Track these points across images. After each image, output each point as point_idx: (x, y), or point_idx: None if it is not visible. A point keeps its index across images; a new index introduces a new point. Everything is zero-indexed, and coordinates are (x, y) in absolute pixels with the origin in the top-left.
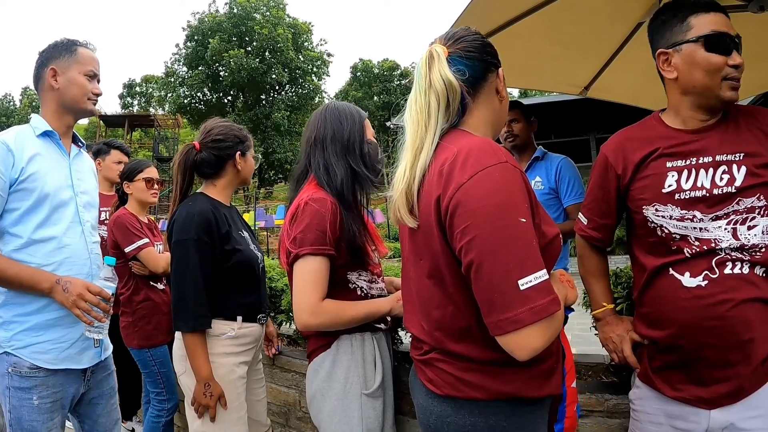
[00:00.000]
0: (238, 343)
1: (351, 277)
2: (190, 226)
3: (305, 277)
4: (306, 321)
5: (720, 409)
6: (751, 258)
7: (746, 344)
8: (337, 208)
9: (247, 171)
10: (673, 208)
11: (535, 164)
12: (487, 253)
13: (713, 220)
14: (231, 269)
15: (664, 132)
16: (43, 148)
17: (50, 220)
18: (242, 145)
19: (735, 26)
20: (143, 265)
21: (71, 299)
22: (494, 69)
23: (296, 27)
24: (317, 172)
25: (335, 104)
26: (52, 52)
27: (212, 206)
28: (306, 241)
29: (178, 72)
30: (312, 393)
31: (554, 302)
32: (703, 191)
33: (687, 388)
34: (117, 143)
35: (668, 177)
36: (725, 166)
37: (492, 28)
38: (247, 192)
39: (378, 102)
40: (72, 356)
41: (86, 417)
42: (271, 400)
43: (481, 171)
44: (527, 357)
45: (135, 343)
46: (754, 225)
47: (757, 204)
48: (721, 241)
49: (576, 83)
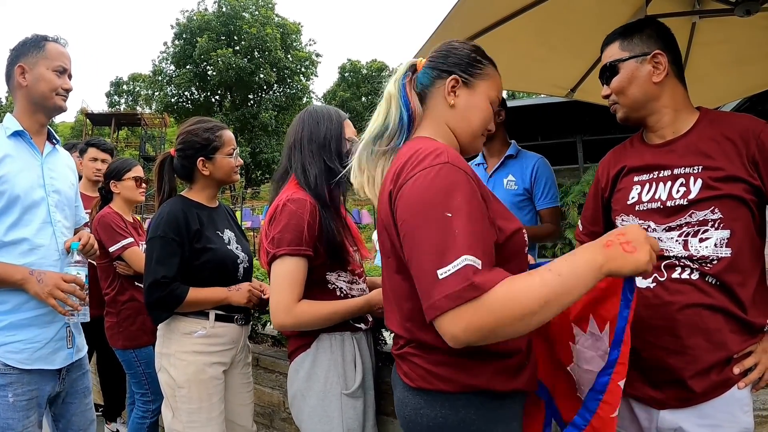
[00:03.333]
0: (210, 343)
1: (330, 277)
2: (159, 225)
3: (282, 278)
4: (281, 321)
5: (669, 410)
6: (701, 268)
7: (688, 348)
8: (315, 209)
9: (220, 173)
10: (633, 218)
11: (508, 162)
12: (413, 246)
13: (666, 231)
14: (201, 267)
15: (639, 148)
16: (14, 148)
17: (21, 222)
18: (204, 150)
19: (722, 30)
20: (128, 265)
21: (46, 290)
22: (445, 76)
23: (285, 27)
24: (296, 173)
25: (314, 107)
26: (21, 49)
27: (184, 206)
28: (283, 241)
29: (166, 70)
30: (293, 393)
31: (470, 288)
32: (658, 203)
33: (640, 387)
34: (94, 140)
35: (633, 190)
36: (683, 179)
37: (478, 29)
38: (233, 192)
39: (366, 103)
40: (45, 356)
41: (60, 416)
42: (255, 401)
43: (421, 171)
44: (455, 344)
45: (120, 344)
46: (707, 237)
47: (710, 217)
48: (672, 251)
49: (563, 85)
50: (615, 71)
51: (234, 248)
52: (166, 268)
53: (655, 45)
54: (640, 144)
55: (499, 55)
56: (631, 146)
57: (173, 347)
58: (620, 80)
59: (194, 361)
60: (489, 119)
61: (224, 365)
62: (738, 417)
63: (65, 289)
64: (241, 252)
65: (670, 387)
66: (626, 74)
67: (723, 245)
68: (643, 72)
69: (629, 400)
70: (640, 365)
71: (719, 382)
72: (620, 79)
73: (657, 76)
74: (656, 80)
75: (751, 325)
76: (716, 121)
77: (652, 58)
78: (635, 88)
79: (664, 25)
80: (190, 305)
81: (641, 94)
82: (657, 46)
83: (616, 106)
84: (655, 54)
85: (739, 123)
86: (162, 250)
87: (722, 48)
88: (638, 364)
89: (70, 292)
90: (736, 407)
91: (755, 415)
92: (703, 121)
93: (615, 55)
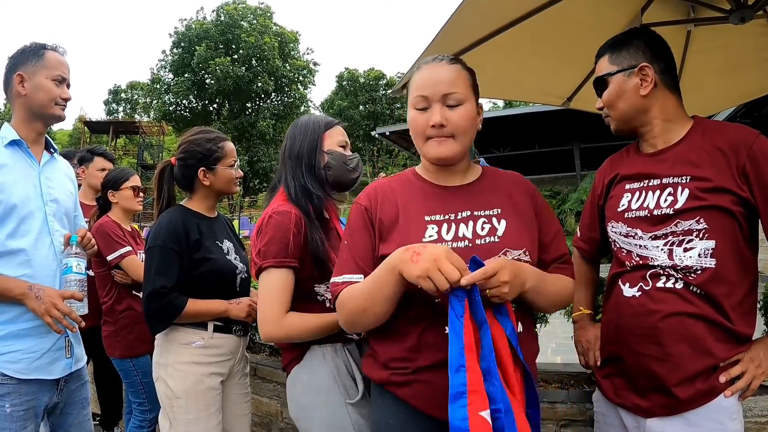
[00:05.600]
0: (208, 353)
1: (319, 289)
2: (158, 235)
3: (268, 290)
4: (269, 332)
5: (656, 419)
6: (684, 278)
7: (672, 356)
8: (301, 221)
9: (220, 183)
10: (621, 225)
11: None
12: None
13: (652, 239)
14: (200, 277)
15: (633, 156)
16: (10, 158)
17: (18, 232)
18: (207, 160)
19: (716, 38)
20: (126, 274)
21: (43, 307)
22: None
23: (283, 36)
24: (284, 185)
25: (300, 119)
26: (19, 58)
27: (184, 216)
28: (269, 253)
29: (164, 79)
30: (295, 410)
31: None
32: (645, 211)
33: (627, 396)
34: (100, 150)
35: (623, 197)
36: (671, 188)
37: (475, 39)
38: (231, 201)
39: (363, 111)
40: (43, 366)
41: (58, 427)
42: (253, 411)
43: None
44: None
45: (117, 353)
46: (691, 247)
47: (695, 227)
48: (656, 260)
49: (559, 94)
50: (605, 85)
51: (233, 258)
52: (166, 278)
53: (642, 57)
54: (634, 153)
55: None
56: (627, 155)
57: (171, 357)
58: (609, 94)
59: (192, 372)
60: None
61: (222, 376)
62: (725, 425)
63: (61, 309)
64: (240, 262)
65: (655, 394)
66: (614, 88)
67: (707, 255)
68: (630, 85)
69: (617, 409)
70: (626, 373)
71: (705, 390)
72: (609, 93)
73: (644, 89)
74: (643, 93)
75: (737, 334)
76: (708, 130)
77: (639, 71)
78: (623, 102)
79: (654, 35)
80: (188, 316)
81: (629, 108)
82: (644, 58)
83: (608, 119)
84: (642, 67)
85: (731, 133)
86: (161, 259)
87: (717, 55)
88: (624, 372)
89: (66, 313)
90: (723, 415)
91: (754, 421)
92: (695, 131)
93: (604, 69)
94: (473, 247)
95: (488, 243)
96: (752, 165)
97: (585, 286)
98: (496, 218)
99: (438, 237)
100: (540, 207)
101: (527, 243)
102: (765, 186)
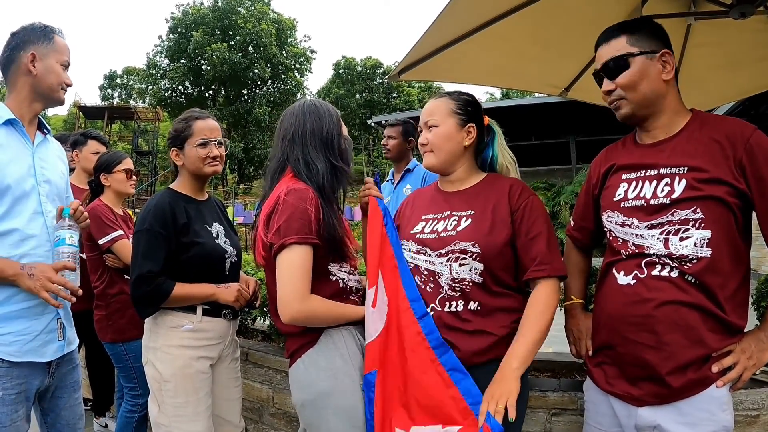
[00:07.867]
0: (197, 337)
1: (332, 268)
2: (145, 219)
3: (292, 266)
4: (296, 309)
5: (647, 407)
6: (680, 267)
7: (666, 344)
8: (318, 200)
9: (189, 164)
10: (618, 214)
11: (406, 175)
12: None
13: (648, 228)
14: (188, 261)
15: (630, 147)
16: (5, 137)
17: (12, 212)
18: (177, 139)
19: (716, 32)
20: (117, 258)
21: (38, 284)
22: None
23: (280, 22)
24: (296, 167)
25: (312, 101)
26: (29, 35)
27: (172, 199)
28: (291, 230)
29: (160, 64)
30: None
31: None
32: (642, 201)
33: (618, 384)
34: (94, 133)
35: (620, 187)
36: (668, 179)
37: (472, 27)
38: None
39: (360, 100)
40: (35, 349)
41: (49, 410)
42: (244, 396)
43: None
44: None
45: (109, 338)
46: (687, 236)
47: (692, 216)
48: (652, 248)
49: (557, 84)
50: (624, 66)
51: (222, 242)
52: (152, 263)
53: (661, 44)
54: (631, 143)
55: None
56: (623, 146)
57: (160, 341)
58: (631, 75)
59: (181, 355)
60: None
61: (211, 359)
62: (717, 415)
63: (56, 281)
64: (230, 246)
65: (647, 383)
66: (637, 69)
67: (703, 245)
68: (654, 69)
69: (609, 398)
70: (618, 361)
71: (697, 379)
72: (631, 74)
73: (666, 74)
74: (666, 78)
75: (730, 325)
76: (706, 123)
77: (660, 57)
78: (646, 85)
79: (661, 26)
80: (176, 300)
81: (651, 91)
82: (663, 45)
83: (622, 102)
84: (664, 53)
85: (729, 126)
86: (148, 243)
87: (716, 50)
88: (616, 360)
89: (61, 284)
90: (714, 405)
91: (745, 414)
92: (693, 123)
93: (623, 49)
94: (437, 238)
95: (446, 236)
96: (749, 158)
97: (577, 276)
98: (465, 218)
99: (421, 230)
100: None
101: (479, 237)
102: (761, 179)
